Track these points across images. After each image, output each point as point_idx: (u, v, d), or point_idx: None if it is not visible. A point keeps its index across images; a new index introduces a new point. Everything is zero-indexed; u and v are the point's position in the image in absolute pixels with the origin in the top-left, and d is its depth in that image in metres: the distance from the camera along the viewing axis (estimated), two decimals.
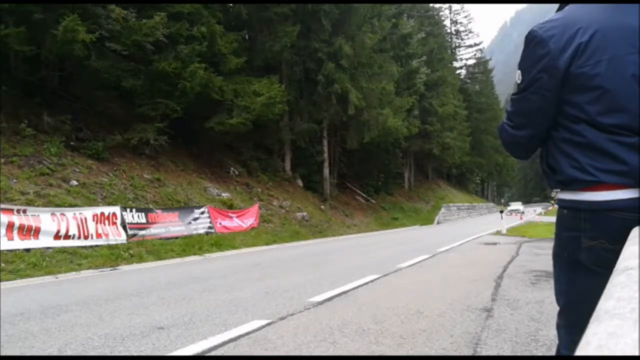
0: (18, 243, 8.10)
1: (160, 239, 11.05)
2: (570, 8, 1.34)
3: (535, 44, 1.30)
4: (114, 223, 10.17)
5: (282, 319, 4.00)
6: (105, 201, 10.97)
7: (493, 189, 75.46)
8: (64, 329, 3.80)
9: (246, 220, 14.85)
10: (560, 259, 1.36)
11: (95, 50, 11.71)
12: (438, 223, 30.06)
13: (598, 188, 1.23)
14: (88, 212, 9.64)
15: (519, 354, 3.00)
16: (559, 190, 1.37)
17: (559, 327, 1.40)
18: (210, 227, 13.10)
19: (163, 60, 13.15)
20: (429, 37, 39.79)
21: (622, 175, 1.19)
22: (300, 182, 22.34)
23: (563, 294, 1.37)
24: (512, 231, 17.00)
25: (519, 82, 1.37)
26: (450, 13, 59.93)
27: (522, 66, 1.36)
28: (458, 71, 58.76)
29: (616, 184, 1.20)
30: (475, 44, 62.43)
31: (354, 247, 12.02)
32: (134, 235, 10.54)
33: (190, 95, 13.90)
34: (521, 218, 25.81)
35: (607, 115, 1.21)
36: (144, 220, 11.03)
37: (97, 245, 9.45)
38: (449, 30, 60.11)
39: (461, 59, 62.55)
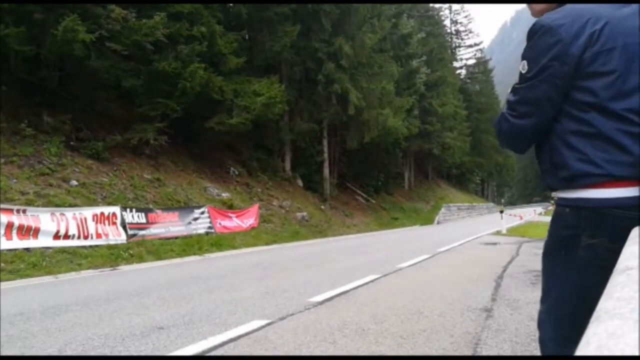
0: (18, 243, 8.10)
1: (160, 239, 11.05)
2: (570, 5, 1.34)
3: (543, 33, 1.30)
4: (114, 223, 10.16)
5: (282, 319, 4.00)
6: (105, 201, 10.96)
7: (493, 189, 75.39)
8: (64, 329, 3.80)
9: (246, 220, 14.85)
10: (556, 257, 1.37)
11: (95, 50, 11.70)
12: (438, 223, 30.04)
13: (600, 186, 1.24)
14: (88, 212, 9.64)
15: (519, 354, 3.01)
16: (558, 191, 1.37)
17: (544, 321, 1.41)
18: (210, 227, 13.10)
19: (163, 60, 13.14)
20: (429, 37, 39.74)
21: (628, 166, 1.20)
22: (300, 182, 22.33)
23: (555, 291, 1.37)
24: (512, 231, 16.99)
25: (524, 71, 1.34)
26: (450, 13, 59.90)
27: (528, 56, 1.33)
28: (458, 71, 58.75)
29: (622, 176, 1.21)
30: (476, 44, 62.44)
31: (354, 247, 12.01)
32: (134, 235, 10.53)
33: (190, 95, 13.89)
34: (521, 218, 25.79)
35: (620, 100, 1.22)
36: (143, 220, 11.03)
37: (97, 245, 9.44)
38: (449, 30, 60.06)
39: (461, 59, 62.55)
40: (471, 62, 62.52)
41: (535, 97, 1.32)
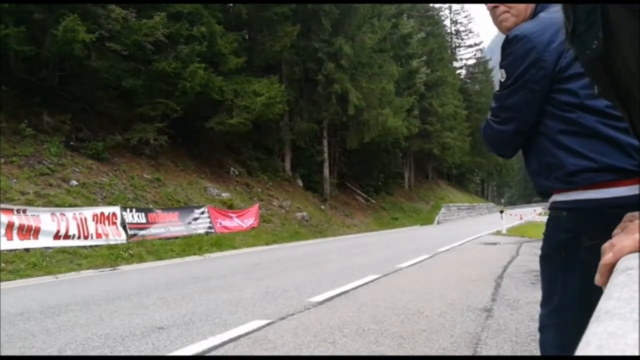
0: (18, 243, 8.10)
1: (160, 239, 11.05)
2: (541, 16, 1.40)
3: (517, 42, 1.34)
4: (114, 223, 10.16)
5: (282, 319, 4.00)
6: (105, 201, 10.97)
7: (493, 189, 75.36)
8: (64, 329, 3.80)
9: (246, 220, 14.85)
10: (555, 260, 1.36)
11: (95, 50, 11.71)
12: (438, 223, 30.04)
13: (599, 186, 1.25)
14: (88, 212, 9.64)
15: (519, 354, 3.00)
16: (554, 194, 1.37)
17: (546, 326, 1.41)
18: (210, 227, 13.10)
19: (163, 60, 13.15)
20: (429, 37, 39.75)
21: (621, 156, 1.23)
22: (300, 182, 22.34)
23: (557, 294, 1.37)
24: (512, 231, 16.99)
25: (502, 80, 1.40)
26: (450, 13, 59.90)
27: (506, 65, 1.38)
28: (458, 71, 58.69)
29: (618, 167, 1.23)
30: (475, 44, 62.45)
31: (354, 247, 12.01)
32: (134, 235, 10.54)
33: (190, 95, 13.90)
34: (521, 218, 25.81)
35: (600, 98, 1.26)
36: (144, 220, 11.03)
37: (97, 245, 9.45)
38: (449, 30, 60.05)
39: (461, 59, 62.54)
40: (471, 62, 62.53)
41: (515, 102, 1.37)
